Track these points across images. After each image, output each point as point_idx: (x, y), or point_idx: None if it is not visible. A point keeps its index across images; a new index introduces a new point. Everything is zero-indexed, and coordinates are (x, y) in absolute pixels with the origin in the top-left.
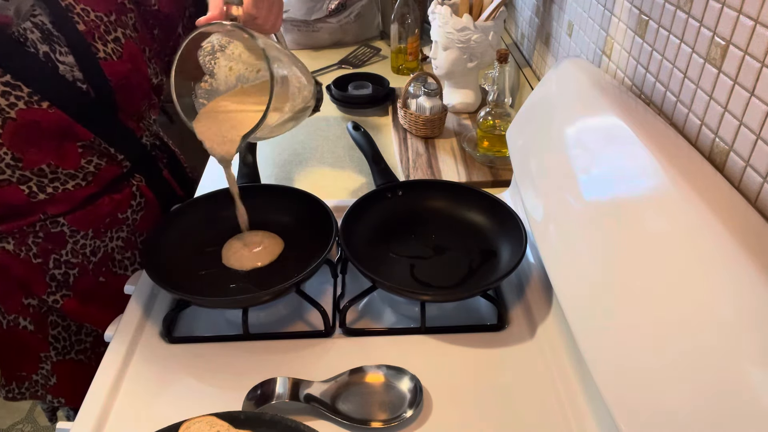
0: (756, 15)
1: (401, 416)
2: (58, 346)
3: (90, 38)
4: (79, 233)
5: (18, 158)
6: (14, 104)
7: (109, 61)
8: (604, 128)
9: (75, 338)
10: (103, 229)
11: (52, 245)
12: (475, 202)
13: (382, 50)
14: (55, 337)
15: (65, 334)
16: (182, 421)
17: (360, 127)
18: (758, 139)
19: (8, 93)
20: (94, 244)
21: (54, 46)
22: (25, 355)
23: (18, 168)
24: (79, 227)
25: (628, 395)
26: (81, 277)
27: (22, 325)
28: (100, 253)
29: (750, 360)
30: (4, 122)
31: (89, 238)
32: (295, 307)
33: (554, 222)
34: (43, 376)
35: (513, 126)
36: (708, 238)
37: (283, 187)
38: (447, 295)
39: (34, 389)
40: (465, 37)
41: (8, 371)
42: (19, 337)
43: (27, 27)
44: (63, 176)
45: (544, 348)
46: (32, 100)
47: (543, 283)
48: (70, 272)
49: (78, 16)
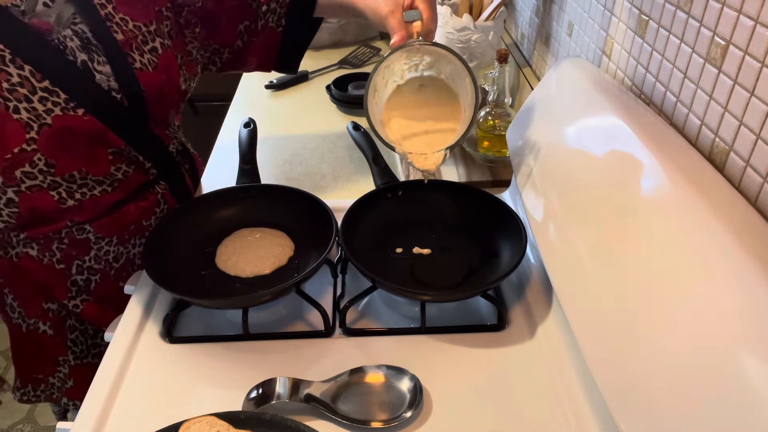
0: (756, 15)
1: (401, 416)
2: (76, 350)
3: (127, 48)
4: (103, 240)
5: (51, 164)
6: (51, 110)
7: (145, 72)
8: (604, 128)
9: (92, 342)
10: (127, 236)
11: (77, 251)
12: (475, 202)
13: (382, 50)
14: (73, 341)
15: (82, 338)
16: (182, 421)
17: (360, 127)
18: (758, 139)
19: (46, 99)
20: (118, 250)
21: (92, 55)
22: (43, 359)
23: (50, 174)
24: (105, 234)
25: (629, 395)
26: (102, 283)
27: (41, 330)
28: (123, 259)
29: (751, 360)
30: (40, 128)
31: (113, 244)
32: (295, 307)
33: (554, 222)
34: (60, 379)
35: (513, 126)
36: (708, 239)
37: (283, 187)
38: (447, 296)
39: (50, 392)
40: (465, 37)
41: (24, 374)
42: (38, 340)
43: (67, 35)
44: (91, 182)
45: (544, 348)
46: (68, 106)
47: (543, 282)
48: (92, 278)
49: (117, 25)
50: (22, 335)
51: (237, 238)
